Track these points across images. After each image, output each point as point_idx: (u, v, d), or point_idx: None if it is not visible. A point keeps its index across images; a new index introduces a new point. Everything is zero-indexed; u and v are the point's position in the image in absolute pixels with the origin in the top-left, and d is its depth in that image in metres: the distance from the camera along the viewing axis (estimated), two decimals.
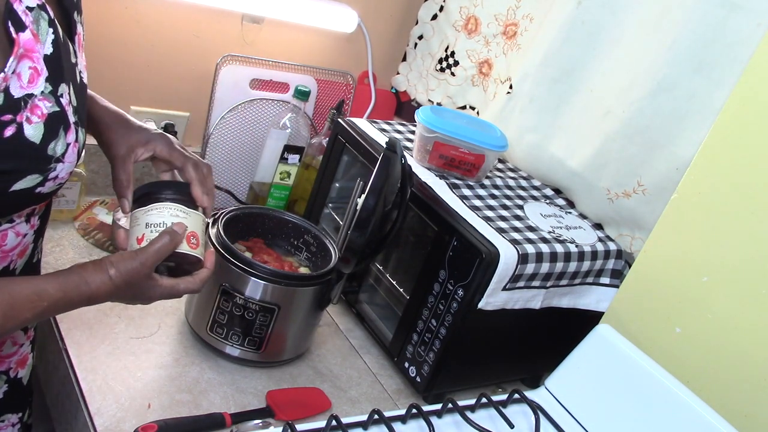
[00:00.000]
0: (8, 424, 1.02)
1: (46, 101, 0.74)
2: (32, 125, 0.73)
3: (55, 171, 0.78)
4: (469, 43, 1.68)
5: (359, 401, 1.20)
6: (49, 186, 0.79)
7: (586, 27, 1.34)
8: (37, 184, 0.77)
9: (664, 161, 1.22)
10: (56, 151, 0.77)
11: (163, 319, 1.22)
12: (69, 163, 0.79)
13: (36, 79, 0.73)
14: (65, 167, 0.79)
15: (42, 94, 0.74)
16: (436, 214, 1.19)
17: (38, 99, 0.73)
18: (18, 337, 0.98)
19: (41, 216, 0.90)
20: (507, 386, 1.32)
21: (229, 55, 1.59)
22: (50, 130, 0.75)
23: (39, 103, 0.74)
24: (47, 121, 0.75)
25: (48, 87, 0.75)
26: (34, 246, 0.91)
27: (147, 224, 0.92)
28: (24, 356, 1.01)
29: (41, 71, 0.73)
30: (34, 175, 0.76)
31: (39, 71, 0.73)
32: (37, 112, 0.73)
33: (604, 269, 1.26)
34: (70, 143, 0.79)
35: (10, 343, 0.97)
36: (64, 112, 0.77)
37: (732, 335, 1.05)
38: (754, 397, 1.02)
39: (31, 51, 0.72)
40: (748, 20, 1.11)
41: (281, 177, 1.56)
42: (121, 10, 1.46)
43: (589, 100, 1.35)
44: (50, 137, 0.76)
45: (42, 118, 0.74)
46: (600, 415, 1.10)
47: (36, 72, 0.73)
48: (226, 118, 1.60)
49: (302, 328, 1.21)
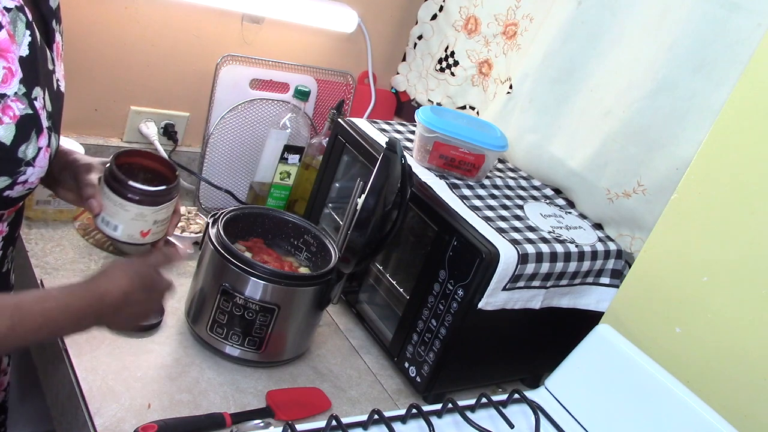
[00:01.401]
0: None
1: (19, 103, 0.74)
2: (3, 126, 0.72)
3: (25, 175, 0.77)
4: (469, 43, 1.68)
5: (359, 401, 1.20)
6: (17, 190, 0.78)
7: (586, 27, 1.34)
8: (5, 187, 0.76)
9: (664, 161, 1.22)
10: (27, 154, 0.76)
11: (164, 319, 1.22)
12: (39, 168, 0.78)
13: (9, 80, 0.72)
14: (35, 172, 0.78)
15: (15, 95, 0.73)
16: (436, 214, 1.19)
17: (11, 100, 0.73)
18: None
19: (11, 223, 0.89)
20: (507, 386, 1.32)
21: (229, 55, 1.59)
22: (22, 132, 0.74)
23: (11, 104, 0.73)
24: (19, 123, 0.74)
25: (22, 89, 0.74)
26: (2, 254, 0.90)
27: (155, 221, 0.98)
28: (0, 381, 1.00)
29: (15, 72, 0.73)
30: (3, 178, 0.75)
31: (13, 72, 0.72)
32: (9, 113, 0.73)
33: (604, 269, 1.26)
34: (41, 147, 0.78)
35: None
36: (37, 115, 0.76)
37: (732, 335, 1.05)
38: (754, 397, 1.02)
39: (6, 51, 0.71)
40: (748, 20, 1.11)
41: (281, 177, 1.56)
42: (121, 10, 1.46)
43: (589, 100, 1.35)
44: (21, 139, 0.75)
45: (14, 120, 0.73)
46: (600, 415, 1.10)
47: (10, 72, 0.72)
48: (226, 118, 1.60)
49: (302, 328, 1.21)
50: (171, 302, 1.26)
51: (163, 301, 0.97)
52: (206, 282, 1.16)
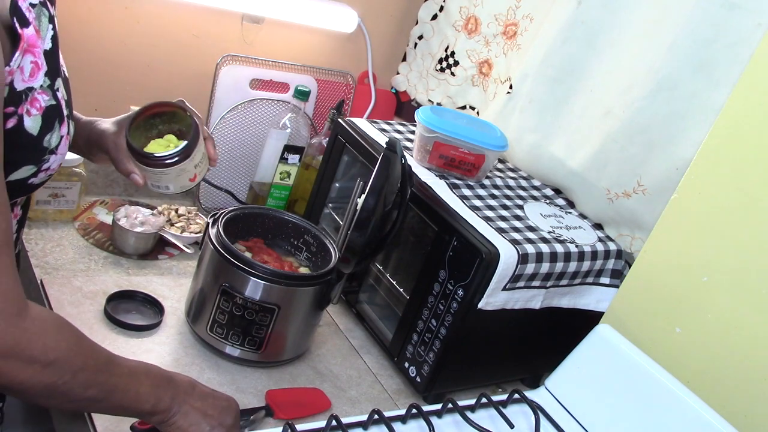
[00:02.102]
0: None
1: (44, 95, 0.76)
2: (31, 117, 0.75)
3: (48, 162, 0.80)
4: (469, 43, 1.68)
5: (359, 401, 1.20)
6: (40, 177, 0.81)
7: (586, 27, 1.34)
8: (31, 175, 0.79)
9: (664, 161, 1.22)
10: (51, 143, 0.78)
11: (164, 319, 1.22)
12: (61, 155, 0.81)
13: (36, 73, 0.75)
14: (57, 159, 0.81)
15: (41, 87, 0.76)
16: (436, 214, 1.19)
17: (37, 92, 0.75)
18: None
19: (23, 206, 0.92)
20: (507, 386, 1.32)
21: (229, 55, 1.59)
22: (47, 122, 0.77)
23: (38, 97, 0.75)
24: (45, 114, 0.77)
25: (46, 81, 0.76)
26: (16, 237, 0.92)
27: (195, 165, 1.05)
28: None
29: (41, 66, 0.75)
30: (29, 166, 0.78)
31: (39, 66, 0.75)
32: (36, 105, 0.75)
33: (604, 269, 1.26)
34: (63, 135, 0.80)
35: None
36: (59, 105, 0.79)
37: (732, 335, 1.05)
38: (754, 397, 1.02)
39: (33, 46, 0.73)
40: (748, 20, 1.11)
41: (281, 177, 1.56)
42: (121, 10, 1.46)
43: (589, 100, 1.35)
44: (47, 129, 0.77)
45: (40, 111, 0.76)
46: (600, 415, 1.10)
47: (37, 66, 0.75)
48: (226, 118, 1.60)
49: (302, 328, 1.21)
50: (171, 302, 1.26)
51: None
52: (206, 282, 1.16)
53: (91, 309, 1.19)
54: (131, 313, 1.21)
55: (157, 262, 1.38)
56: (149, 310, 1.24)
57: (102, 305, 1.20)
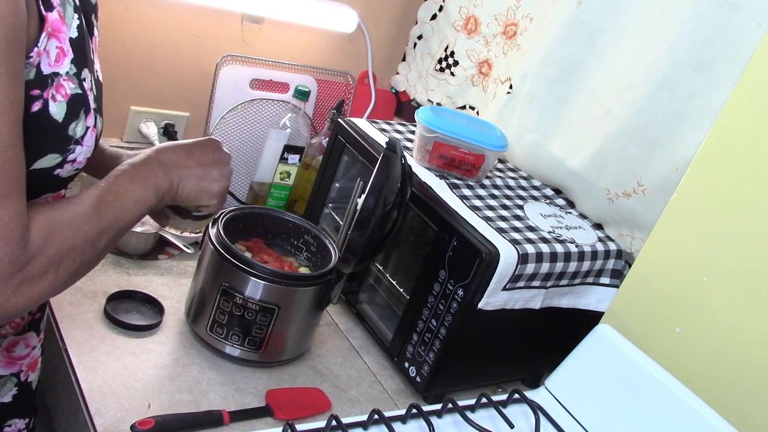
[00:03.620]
0: (15, 429, 1.02)
1: (70, 82, 0.76)
2: (56, 103, 0.75)
3: (74, 153, 0.79)
4: (468, 43, 1.68)
5: (359, 401, 1.20)
6: (67, 169, 0.80)
7: (586, 27, 1.34)
8: (56, 165, 0.78)
9: (664, 161, 1.22)
10: (76, 132, 0.78)
11: (164, 319, 1.22)
12: (87, 147, 0.81)
13: (62, 59, 0.75)
14: (83, 151, 0.80)
15: (67, 74, 0.76)
16: (436, 214, 1.19)
17: (63, 79, 0.75)
18: (30, 339, 0.98)
19: None
20: (507, 386, 1.32)
21: (229, 55, 1.59)
22: (72, 110, 0.77)
23: (63, 83, 0.75)
24: (70, 102, 0.77)
25: (72, 69, 0.76)
26: None
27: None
28: (35, 359, 1.01)
29: (67, 52, 0.75)
30: (54, 155, 0.77)
31: (65, 51, 0.75)
32: (62, 91, 0.75)
33: (604, 269, 1.26)
34: (89, 127, 0.80)
35: (23, 345, 0.97)
36: (85, 95, 0.79)
37: (732, 335, 1.05)
38: (754, 397, 1.02)
39: (57, 31, 0.74)
40: (748, 20, 1.11)
41: (281, 177, 1.56)
42: (121, 10, 1.46)
43: (589, 100, 1.35)
44: (72, 118, 0.77)
45: (66, 98, 0.76)
46: (600, 415, 1.10)
47: (62, 52, 0.75)
48: (226, 118, 1.60)
49: (302, 328, 1.21)
50: (171, 302, 1.26)
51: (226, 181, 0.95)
52: (206, 282, 1.16)
53: (91, 309, 1.19)
54: (131, 313, 1.21)
55: (157, 262, 1.38)
56: (149, 310, 1.24)
57: (102, 305, 1.20)
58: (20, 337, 0.96)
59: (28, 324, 0.96)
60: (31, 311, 0.96)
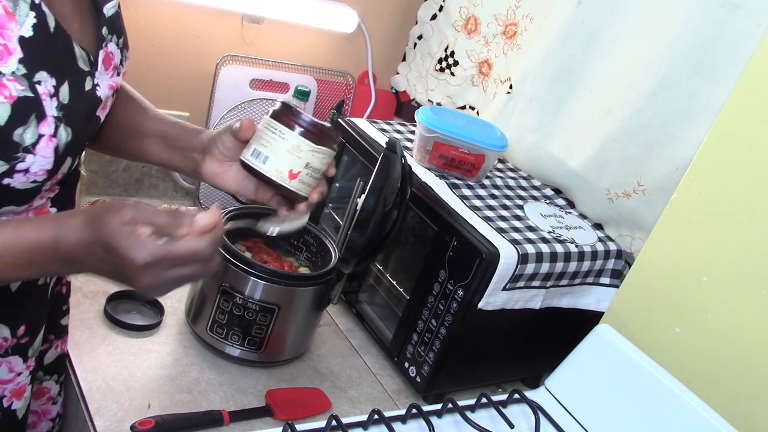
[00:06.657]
0: None
1: (16, 83, 0.71)
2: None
3: (24, 162, 0.73)
4: (468, 43, 1.68)
5: (359, 401, 1.20)
6: (19, 180, 0.74)
7: (586, 27, 1.34)
8: (4, 174, 0.73)
9: (664, 161, 1.22)
10: (24, 139, 0.73)
11: (163, 319, 1.22)
12: (42, 157, 0.75)
13: (5, 57, 0.70)
14: (37, 161, 0.74)
15: (12, 74, 0.71)
16: (436, 214, 1.19)
17: (6, 78, 0.70)
18: (15, 363, 0.91)
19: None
20: (507, 386, 1.32)
21: (229, 55, 1.59)
22: (18, 114, 0.72)
23: (7, 83, 0.70)
24: (15, 104, 0.71)
25: (21, 69, 0.71)
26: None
27: (308, 164, 0.91)
28: (21, 387, 0.93)
29: (12, 50, 0.70)
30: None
31: (10, 50, 0.70)
32: (4, 92, 0.70)
33: (604, 269, 1.26)
34: (44, 135, 0.74)
35: (6, 369, 0.90)
36: (38, 99, 0.73)
37: (732, 335, 1.05)
38: (754, 397, 1.02)
39: (2, 27, 0.69)
40: (748, 20, 1.11)
41: None
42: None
43: (589, 100, 1.35)
44: (17, 122, 0.72)
45: (9, 100, 0.71)
46: (600, 415, 1.10)
47: (6, 50, 0.70)
48: (226, 118, 1.60)
49: (302, 328, 1.21)
50: (171, 302, 1.26)
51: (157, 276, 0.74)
52: (206, 282, 1.16)
53: (91, 309, 1.19)
54: (131, 313, 1.22)
55: None
56: (149, 310, 1.24)
57: (102, 305, 1.20)
58: (2, 360, 0.90)
59: (12, 347, 0.90)
60: (15, 335, 0.89)
